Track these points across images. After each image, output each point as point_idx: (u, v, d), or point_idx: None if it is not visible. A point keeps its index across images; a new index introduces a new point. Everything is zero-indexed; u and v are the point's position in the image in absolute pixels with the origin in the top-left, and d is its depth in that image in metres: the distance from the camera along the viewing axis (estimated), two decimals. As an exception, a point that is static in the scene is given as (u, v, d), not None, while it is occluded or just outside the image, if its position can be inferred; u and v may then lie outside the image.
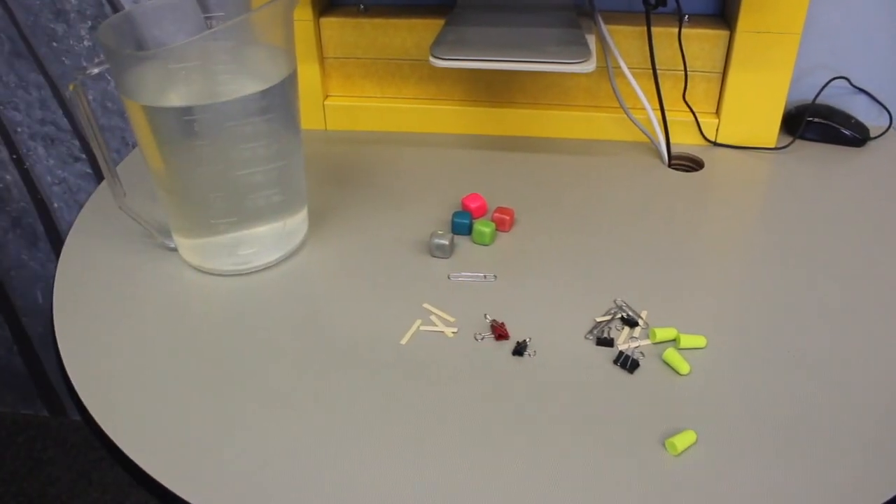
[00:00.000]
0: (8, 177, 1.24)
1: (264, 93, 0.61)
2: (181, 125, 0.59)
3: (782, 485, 0.48)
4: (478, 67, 0.73)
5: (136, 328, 0.62)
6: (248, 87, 0.60)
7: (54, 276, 0.69)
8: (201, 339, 0.61)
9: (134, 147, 1.11)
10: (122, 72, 0.59)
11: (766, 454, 0.50)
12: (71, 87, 0.61)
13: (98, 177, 1.22)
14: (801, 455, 0.50)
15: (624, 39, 0.84)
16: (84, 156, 1.19)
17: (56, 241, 1.31)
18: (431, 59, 0.74)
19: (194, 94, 0.60)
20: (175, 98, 0.60)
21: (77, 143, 1.18)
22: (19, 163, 1.22)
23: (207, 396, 0.56)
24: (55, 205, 1.26)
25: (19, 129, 1.18)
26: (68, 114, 1.15)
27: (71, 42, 1.07)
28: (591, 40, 0.77)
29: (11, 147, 1.20)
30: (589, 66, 0.73)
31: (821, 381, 0.56)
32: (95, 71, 0.62)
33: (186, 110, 0.59)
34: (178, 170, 0.63)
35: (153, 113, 0.59)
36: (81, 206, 1.25)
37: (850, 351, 0.59)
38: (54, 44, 1.08)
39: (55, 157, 1.20)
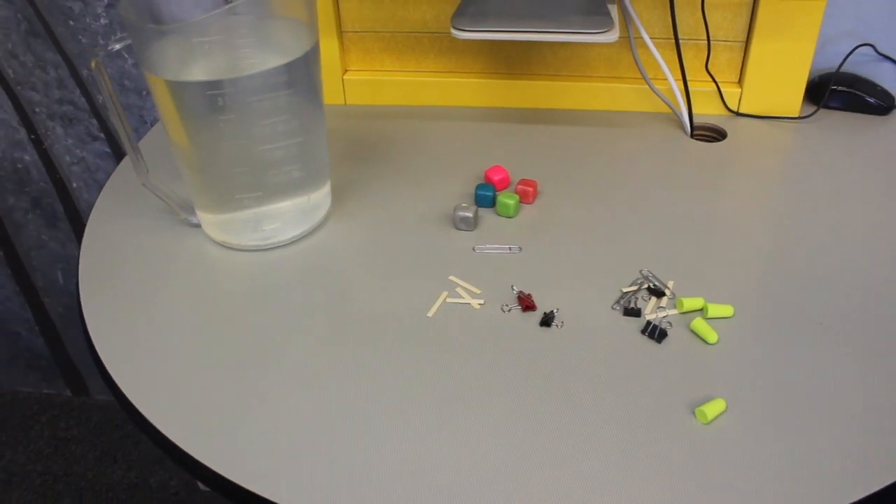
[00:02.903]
0: (27, 157, 1.24)
1: (287, 66, 0.60)
2: (205, 100, 0.59)
3: (812, 452, 0.48)
4: (500, 39, 0.73)
5: (162, 304, 0.62)
6: (271, 60, 0.60)
7: (75, 255, 0.69)
8: (227, 314, 0.61)
9: (152, 125, 1.11)
10: (144, 47, 0.59)
11: (796, 422, 0.50)
12: (93, 64, 0.61)
13: (117, 156, 1.22)
14: (830, 423, 0.50)
15: (646, 9, 0.83)
16: (102, 135, 1.20)
17: (76, 220, 1.32)
18: (453, 31, 0.73)
19: (217, 69, 0.60)
20: (198, 73, 0.59)
21: (95, 122, 1.18)
22: (38, 143, 1.22)
23: (235, 370, 0.56)
24: (74, 184, 1.27)
25: (37, 110, 1.18)
26: (86, 93, 1.15)
27: (88, 20, 1.07)
28: (613, 10, 0.77)
29: (30, 127, 1.20)
30: (612, 37, 0.72)
31: (848, 350, 0.56)
32: (117, 47, 0.62)
33: (211, 84, 0.58)
34: (202, 145, 0.63)
35: (177, 88, 0.59)
36: (101, 186, 1.26)
37: (877, 319, 0.58)
38: (71, 22, 1.08)
39: (73, 136, 1.20)
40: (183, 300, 0.63)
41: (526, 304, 0.60)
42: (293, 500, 0.47)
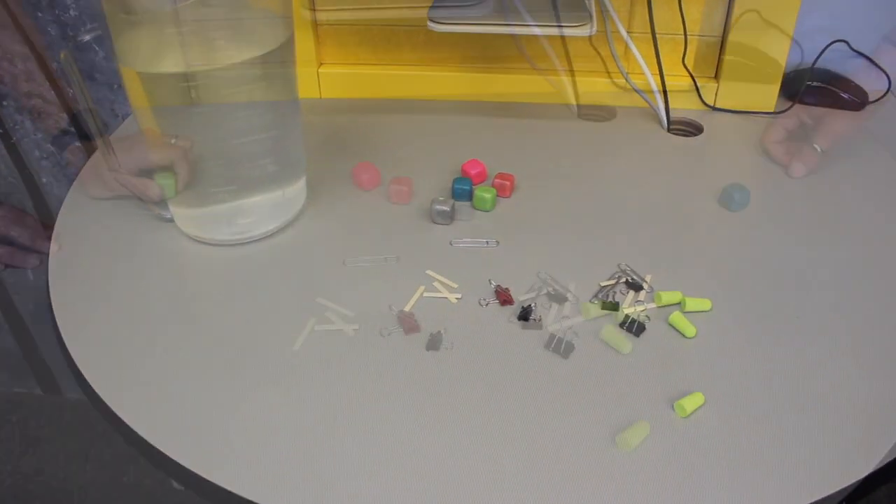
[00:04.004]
0: (-6, 152, 1.22)
1: (262, 58, 0.60)
2: (178, 92, 0.58)
3: (789, 446, 0.48)
4: (477, 32, 0.72)
5: (135, 300, 0.61)
6: (245, 52, 0.59)
7: (45, 252, 0.68)
8: (200, 310, 0.60)
9: (124, 119, 1.09)
10: (116, 38, 0.58)
11: (774, 416, 0.50)
12: (62, 56, 0.60)
13: (88, 151, 1.20)
14: (807, 417, 0.50)
15: (623, 3, 0.83)
16: (73, 129, 1.17)
17: (45, 216, 1.30)
18: (430, 24, 0.73)
19: (190, 60, 0.59)
20: (171, 64, 0.58)
21: (65, 116, 1.16)
22: (6, 137, 1.20)
23: (209, 367, 0.55)
24: (44, 179, 1.25)
25: (5, 103, 1.16)
26: (56, 86, 1.13)
27: (57, 11, 1.05)
28: (591, 4, 0.76)
29: (-3, 121, 1.18)
30: (589, 30, 0.72)
31: (825, 344, 0.56)
32: (88, 37, 0.61)
33: (184, 76, 0.57)
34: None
35: (149, 79, 0.58)
36: (71, 181, 1.24)
37: (853, 313, 0.59)
38: (39, 13, 1.05)
39: (43, 130, 1.18)
40: (156, 296, 0.62)
41: (504, 298, 0.59)
42: (269, 497, 0.46)
